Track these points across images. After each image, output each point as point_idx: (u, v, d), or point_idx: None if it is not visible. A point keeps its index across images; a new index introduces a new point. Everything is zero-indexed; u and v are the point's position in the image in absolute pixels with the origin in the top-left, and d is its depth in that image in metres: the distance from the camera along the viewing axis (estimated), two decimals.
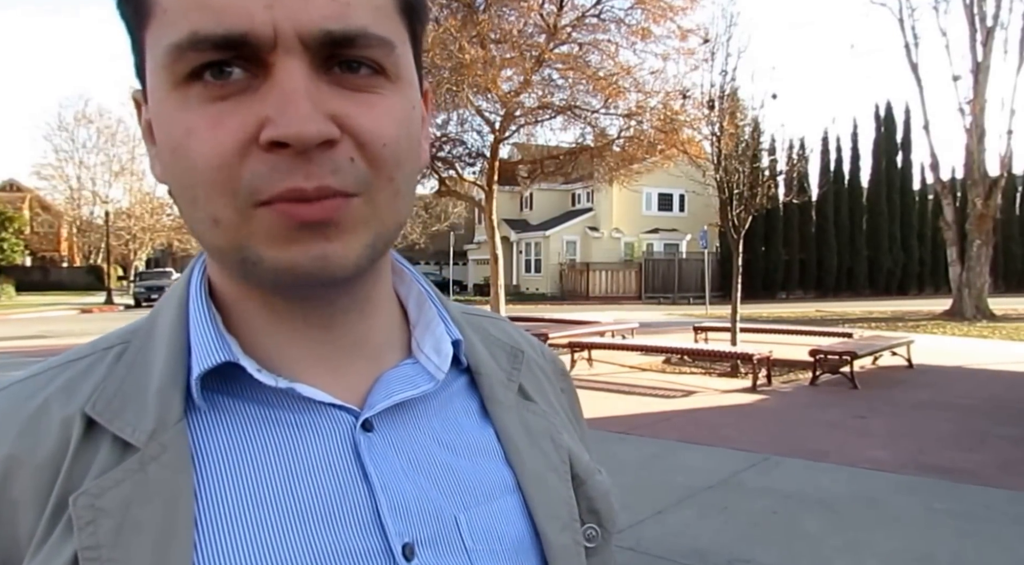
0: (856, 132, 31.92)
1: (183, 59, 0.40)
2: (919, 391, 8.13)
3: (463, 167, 13.20)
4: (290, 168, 0.40)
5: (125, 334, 0.50)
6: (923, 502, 4.26)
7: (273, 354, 0.48)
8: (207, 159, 0.41)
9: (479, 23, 9.85)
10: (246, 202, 0.41)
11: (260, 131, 0.40)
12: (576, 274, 30.60)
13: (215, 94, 0.41)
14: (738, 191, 9.88)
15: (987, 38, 19.12)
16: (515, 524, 0.51)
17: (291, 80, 0.40)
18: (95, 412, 0.44)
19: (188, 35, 0.39)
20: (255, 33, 0.39)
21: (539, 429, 0.56)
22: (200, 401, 0.45)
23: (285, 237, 0.42)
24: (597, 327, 12.50)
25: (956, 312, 19.02)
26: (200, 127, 0.40)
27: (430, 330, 0.54)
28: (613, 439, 5.91)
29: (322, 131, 0.40)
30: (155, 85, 0.42)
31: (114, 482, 0.42)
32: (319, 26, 0.40)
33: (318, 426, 0.47)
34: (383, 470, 0.47)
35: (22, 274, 36.80)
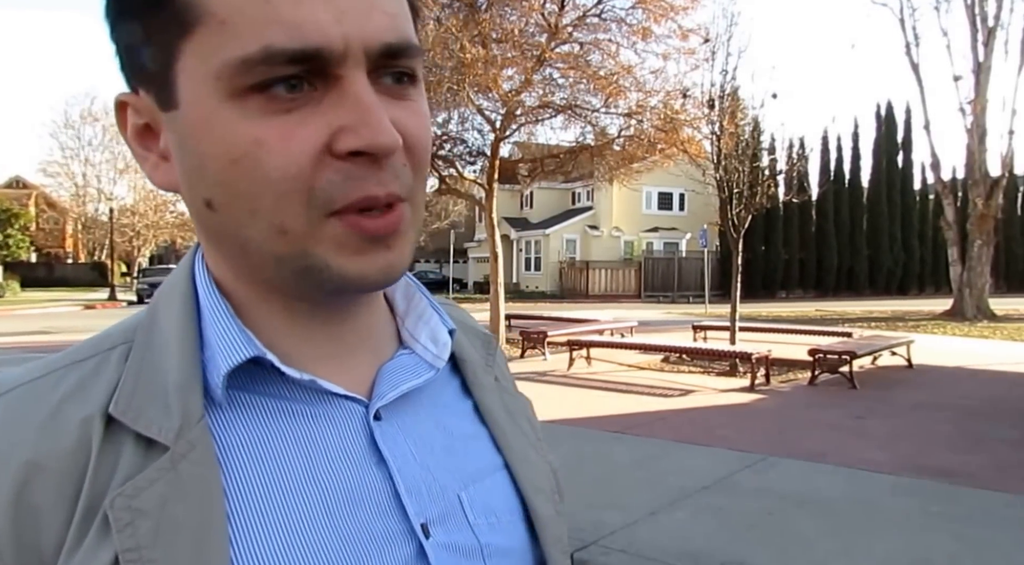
0: (857, 131, 31.90)
1: (251, 72, 0.41)
2: (918, 392, 8.12)
3: (463, 165, 13.17)
4: (364, 176, 0.43)
5: (125, 332, 0.50)
6: (920, 505, 4.25)
7: (288, 351, 0.49)
8: (282, 169, 0.42)
9: (480, 22, 9.82)
10: (320, 211, 0.43)
11: (331, 141, 0.42)
12: (576, 272, 30.60)
13: (282, 106, 0.42)
14: (738, 190, 9.88)
15: (988, 38, 19.09)
16: (507, 498, 0.55)
17: (366, 92, 0.43)
18: (118, 412, 0.44)
19: (261, 49, 0.40)
20: (328, 48, 0.41)
21: (516, 410, 0.61)
22: (222, 397, 0.46)
23: (354, 248, 0.44)
24: (596, 325, 12.50)
25: (957, 312, 19.00)
26: (272, 138, 0.42)
27: (424, 320, 0.56)
28: (609, 439, 5.90)
29: (397, 140, 0.43)
30: (201, 94, 0.42)
31: (148, 482, 0.42)
32: (380, 39, 0.43)
33: (333, 417, 0.49)
34: (396, 455, 0.50)
35: (27, 270, 37.01)
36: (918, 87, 20.51)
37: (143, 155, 0.48)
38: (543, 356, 10.76)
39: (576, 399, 7.72)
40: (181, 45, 0.42)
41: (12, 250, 31.77)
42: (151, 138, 0.47)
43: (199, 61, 0.42)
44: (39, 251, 43.27)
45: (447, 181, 13.15)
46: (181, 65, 0.43)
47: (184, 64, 0.43)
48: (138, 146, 0.48)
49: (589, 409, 7.14)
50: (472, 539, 0.51)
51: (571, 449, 5.57)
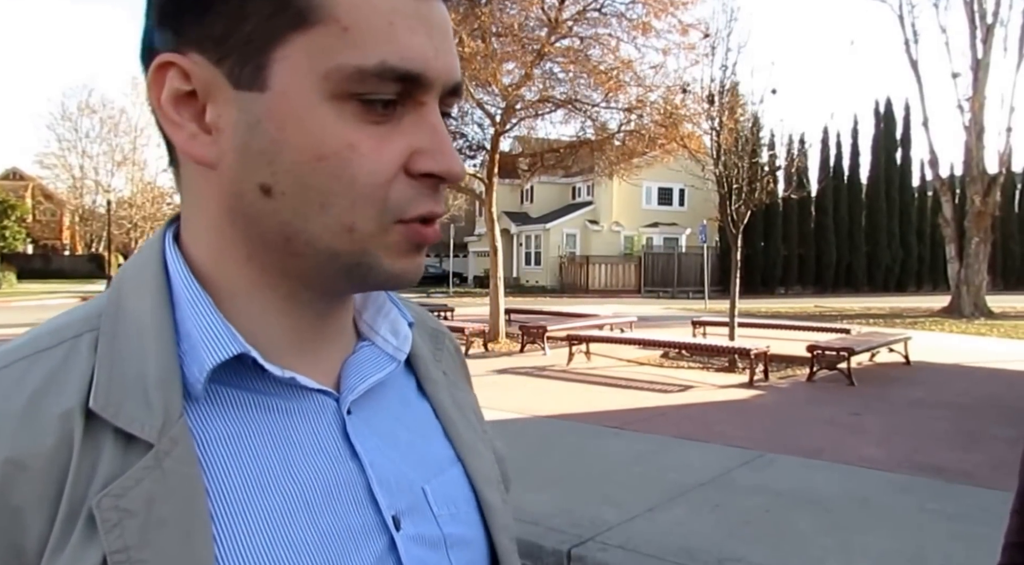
0: (856, 128, 31.88)
1: (362, 82, 0.44)
2: (915, 389, 8.14)
3: (464, 159, 13.18)
4: (430, 195, 0.48)
5: (88, 319, 0.48)
6: (916, 502, 4.27)
7: (267, 345, 0.49)
8: (370, 176, 0.45)
9: (480, 16, 9.79)
10: (389, 218, 0.47)
11: (409, 159, 0.46)
12: (576, 267, 30.60)
13: (373, 118, 0.45)
14: (737, 186, 9.89)
15: (987, 35, 19.05)
16: (463, 490, 0.57)
17: (441, 122, 0.48)
18: (98, 407, 0.43)
19: (378, 64, 0.44)
20: (426, 76, 0.46)
21: (465, 404, 0.63)
22: (201, 392, 0.46)
23: (405, 252, 0.48)
24: (596, 320, 12.52)
25: (954, 309, 19.03)
26: (365, 145, 0.45)
27: (383, 313, 0.58)
28: (608, 434, 5.92)
29: (464, 171, 0.51)
30: (301, 88, 0.44)
31: (135, 481, 0.41)
32: (454, 78, 0.48)
33: (307, 411, 0.50)
34: (367, 448, 0.51)
35: (23, 262, 36.85)
36: (917, 84, 20.49)
37: (178, 122, 0.46)
38: (542, 351, 10.78)
39: (575, 394, 7.74)
40: (291, 35, 0.44)
41: (8, 242, 31.67)
42: (190, 106, 0.46)
43: (308, 56, 0.44)
44: (36, 243, 43.17)
45: None
46: (283, 53, 0.44)
47: (287, 53, 0.44)
48: (174, 112, 0.46)
49: (588, 404, 7.16)
50: (436, 530, 0.53)
51: (570, 444, 5.59)
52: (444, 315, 15.11)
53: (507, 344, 11.77)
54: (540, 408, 6.83)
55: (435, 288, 32.26)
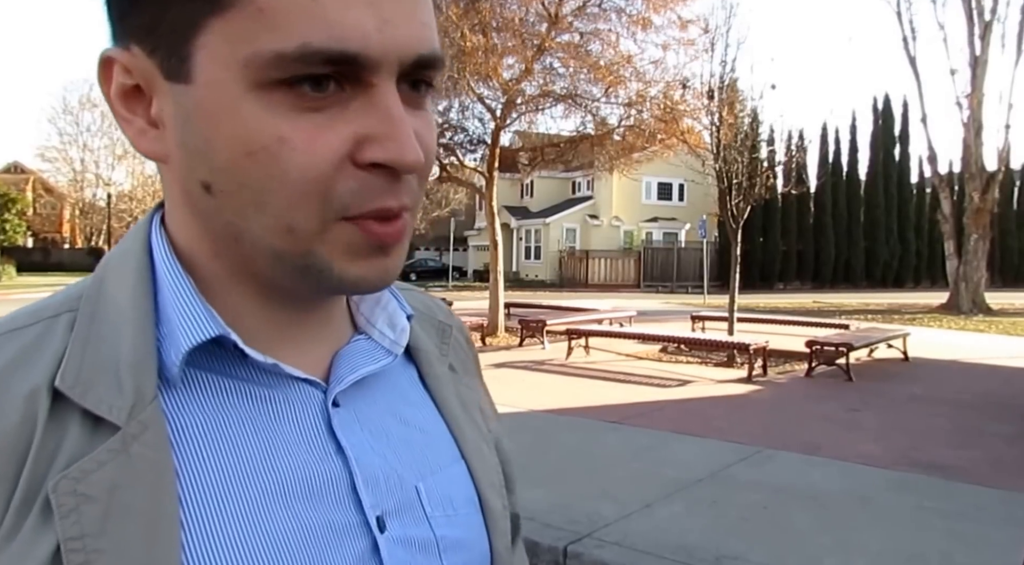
0: (855, 124, 31.85)
1: (283, 67, 0.39)
2: (914, 385, 8.16)
3: (464, 154, 13.15)
4: (382, 188, 0.42)
5: (68, 301, 0.46)
6: (914, 500, 4.28)
7: (250, 332, 0.47)
8: (303, 171, 0.41)
9: (481, 11, 9.76)
10: (332, 215, 0.42)
11: (355, 149, 0.41)
12: (575, 262, 30.61)
13: (309, 105, 0.40)
14: (737, 181, 9.88)
15: (985, 32, 19.02)
16: (463, 491, 0.54)
17: (396, 105, 0.42)
18: (65, 386, 0.41)
19: (298, 47, 0.39)
20: (366, 54, 0.40)
21: (470, 400, 0.60)
22: (178, 376, 0.44)
23: (361, 253, 0.44)
24: (595, 315, 12.52)
25: (953, 306, 19.06)
26: (297, 138, 0.40)
27: (381, 305, 0.55)
28: (606, 429, 5.93)
29: (420, 159, 0.42)
30: (223, 78, 0.40)
31: (97, 464, 0.39)
32: (416, 50, 0.42)
33: (291, 401, 0.48)
34: (354, 443, 0.49)
35: (23, 255, 36.97)
36: (915, 80, 20.47)
37: (128, 118, 0.45)
38: (542, 345, 10.78)
39: (574, 388, 7.75)
40: (208, 21, 0.40)
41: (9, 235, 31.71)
42: (139, 101, 0.44)
43: (226, 43, 0.40)
44: (36, 236, 43.33)
45: (448, 169, 13.12)
46: (203, 41, 0.40)
47: (207, 41, 0.40)
48: (122, 108, 0.45)
49: (587, 398, 7.17)
50: (428, 532, 0.50)
51: (567, 439, 5.60)
52: None
53: (506, 338, 11.78)
54: (538, 402, 6.84)
55: (434, 282, 32.26)
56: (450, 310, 0.68)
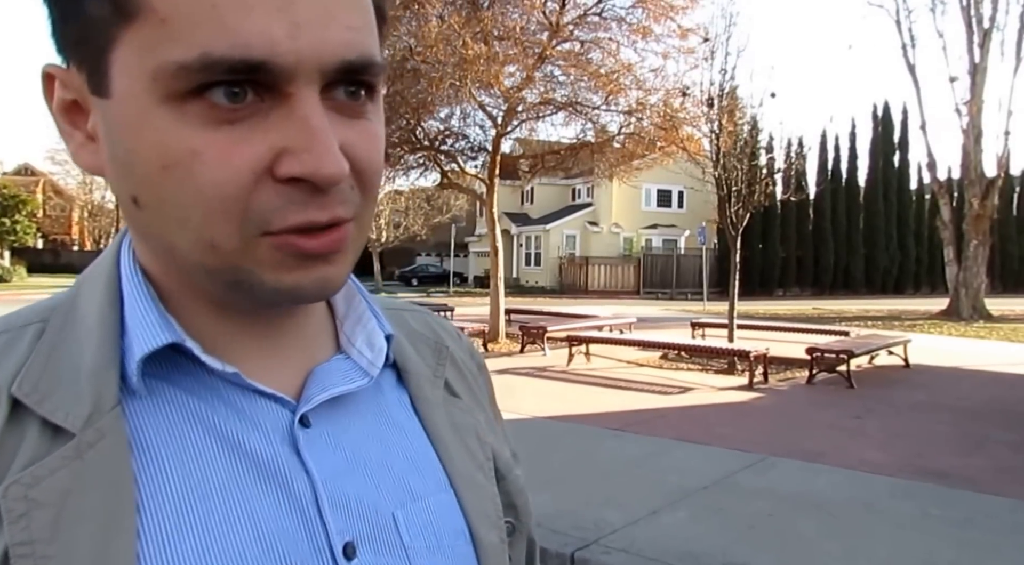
0: (854, 131, 31.97)
1: (187, 78, 0.38)
2: (916, 392, 8.16)
3: (465, 160, 13.20)
4: (304, 202, 0.40)
5: (42, 311, 0.47)
6: (920, 507, 4.28)
7: (214, 345, 0.46)
8: (218, 187, 0.39)
9: (482, 20, 9.81)
10: (253, 231, 0.40)
11: (274, 161, 0.39)
12: (575, 268, 30.63)
13: (223, 116, 0.39)
14: (736, 188, 9.91)
15: (984, 40, 19.12)
16: (450, 521, 0.51)
17: (315, 115, 0.40)
18: (21, 393, 0.41)
19: (198, 56, 0.37)
20: (275, 62, 0.38)
21: (465, 426, 0.57)
22: (138, 385, 0.43)
23: (290, 265, 0.42)
24: (595, 321, 12.53)
25: (953, 312, 19.07)
26: (210, 152, 0.39)
27: (361, 324, 0.53)
28: (608, 436, 5.93)
29: (344, 169, 0.40)
30: (136, 90, 0.39)
31: (49, 470, 0.39)
32: (338, 56, 0.40)
33: (257, 418, 0.46)
34: (323, 466, 0.47)
35: (33, 256, 37.42)
36: (914, 88, 20.57)
37: (69, 132, 0.45)
38: (542, 351, 10.78)
39: (575, 395, 7.74)
40: (118, 33, 0.39)
41: (19, 236, 31.95)
42: (79, 115, 0.44)
43: (136, 56, 0.39)
44: (46, 237, 43.83)
45: (449, 176, 13.16)
46: (116, 54, 0.39)
47: (119, 54, 0.39)
48: (64, 122, 0.45)
49: (588, 405, 7.17)
50: (404, 563, 0.48)
51: (571, 445, 5.59)
52: (444, 315, 15.05)
53: (507, 344, 11.78)
54: (540, 409, 6.83)
55: (435, 287, 32.26)
56: (461, 334, 0.66)
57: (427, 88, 10.21)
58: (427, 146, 12.29)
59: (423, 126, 11.95)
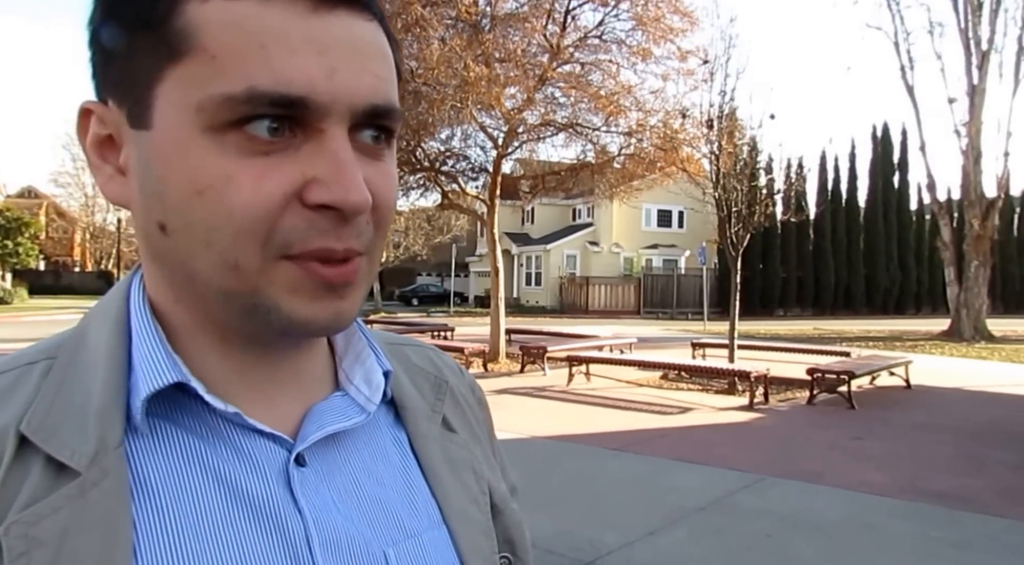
0: (854, 152, 32.11)
1: (231, 109, 0.41)
2: (917, 413, 8.13)
3: (466, 181, 13.28)
4: (327, 229, 0.43)
5: (49, 349, 0.48)
6: (920, 529, 4.25)
7: (217, 383, 0.47)
8: (248, 209, 0.42)
9: (484, 42, 9.94)
10: (274, 253, 0.43)
11: (302, 188, 0.42)
12: (576, 288, 30.63)
13: (260, 148, 0.42)
14: (736, 209, 9.95)
15: (983, 61, 19.27)
16: (443, 557, 0.52)
17: (344, 149, 0.43)
18: (30, 431, 0.42)
19: (245, 90, 0.41)
20: (313, 99, 0.42)
21: (461, 461, 0.57)
22: (142, 423, 0.44)
23: (307, 293, 0.44)
24: (595, 341, 12.52)
25: (954, 333, 19.02)
26: (244, 177, 0.42)
27: (360, 361, 0.54)
28: (607, 456, 5.91)
29: (367, 200, 0.43)
30: (178, 121, 0.42)
31: (51, 509, 0.40)
32: (367, 100, 0.44)
33: (253, 458, 0.47)
34: (316, 505, 0.47)
35: (35, 278, 37.58)
36: (913, 109, 20.70)
37: (99, 165, 0.47)
38: (542, 371, 10.76)
39: (575, 415, 7.72)
40: (166, 70, 0.42)
41: (21, 258, 32.06)
42: (111, 150, 0.47)
43: (182, 90, 0.42)
44: (47, 259, 44.05)
45: (449, 196, 13.23)
46: (162, 89, 0.43)
47: (165, 88, 0.42)
48: (96, 156, 0.47)
49: (588, 425, 7.14)
50: None
51: (570, 465, 5.57)
52: (444, 334, 15.12)
53: (507, 364, 11.76)
54: (540, 429, 6.81)
55: (436, 307, 32.25)
56: (463, 369, 0.67)
57: (428, 109, 10.32)
58: (428, 167, 12.38)
59: (423, 147, 12.04)
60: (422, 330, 15.89)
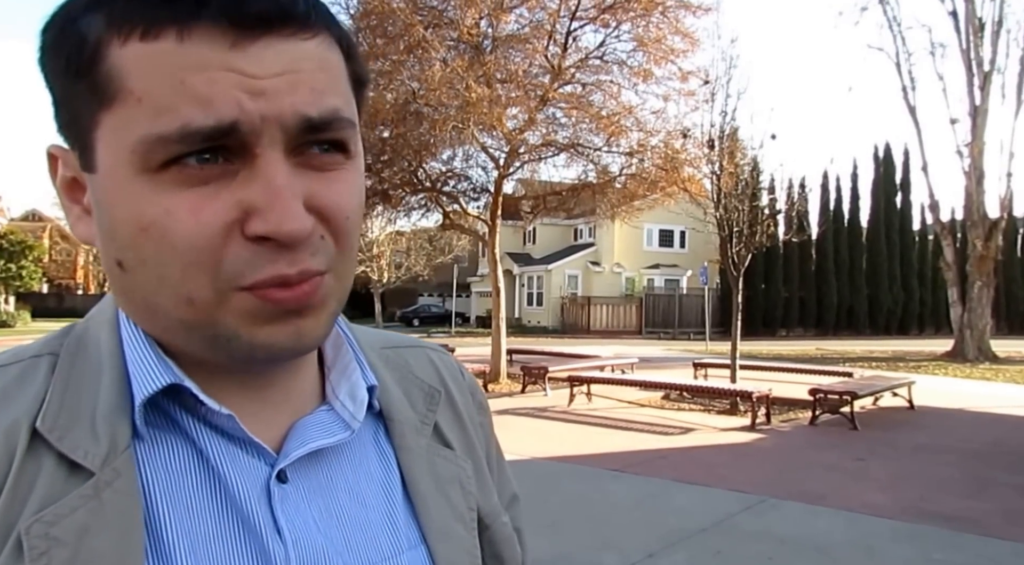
0: (856, 172, 32.21)
1: (166, 149, 0.41)
2: (920, 434, 8.06)
3: (467, 201, 13.34)
4: (273, 257, 0.42)
5: (51, 344, 0.49)
6: (923, 552, 4.20)
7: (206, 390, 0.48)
8: (189, 240, 0.41)
9: (485, 63, 10.04)
10: (226, 285, 0.42)
11: (243, 217, 0.42)
12: (577, 308, 30.60)
13: (195, 179, 0.41)
14: (738, 229, 9.95)
15: (984, 82, 19.36)
16: None
17: (278, 175, 0.42)
18: (44, 428, 0.43)
19: (179, 129, 0.40)
20: (243, 121, 0.41)
21: (448, 476, 0.56)
22: (142, 428, 0.45)
23: (264, 319, 0.44)
24: (597, 361, 12.47)
25: (958, 353, 18.91)
26: (181, 209, 0.41)
27: (346, 375, 0.54)
28: (608, 477, 5.86)
29: (306, 227, 0.42)
30: (116, 164, 0.42)
31: (70, 509, 0.41)
32: (299, 112, 0.42)
33: (240, 473, 0.47)
34: (295, 524, 0.47)
35: (38, 300, 37.78)
36: (916, 130, 20.77)
37: (69, 206, 0.48)
38: (544, 391, 10.71)
39: (576, 435, 7.67)
40: (100, 115, 0.42)
41: (25, 281, 32.24)
42: (78, 191, 0.47)
43: (115, 134, 0.42)
44: (51, 282, 44.18)
45: (451, 216, 13.28)
46: (99, 133, 0.43)
47: (102, 133, 0.43)
48: (66, 197, 0.48)
49: (589, 446, 7.09)
50: None
51: (570, 487, 5.52)
52: None
53: (508, 384, 11.71)
54: (540, 450, 6.76)
55: (437, 328, 32.20)
56: (464, 371, 0.65)
57: (430, 130, 10.39)
58: (429, 187, 12.43)
59: (425, 168, 12.11)
60: None
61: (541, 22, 10.75)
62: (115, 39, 0.41)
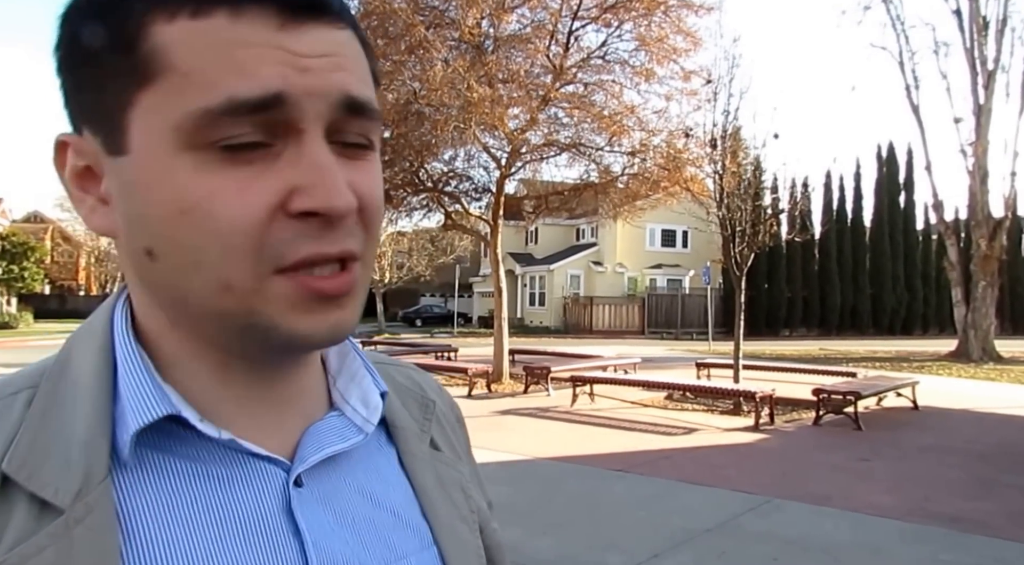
0: (859, 171, 32.16)
1: (212, 125, 0.40)
2: (925, 434, 8.03)
3: (469, 201, 13.32)
4: (316, 235, 0.43)
5: (31, 377, 0.47)
6: (929, 552, 4.17)
7: (211, 409, 0.46)
8: (235, 222, 0.41)
9: (487, 64, 10.02)
10: (267, 267, 0.42)
11: (287, 198, 0.42)
12: (580, 308, 30.59)
13: (239, 159, 0.41)
14: (740, 228, 9.93)
15: (988, 81, 19.30)
16: None
17: (323, 152, 0.43)
18: (11, 469, 0.41)
19: (225, 100, 0.40)
20: (289, 93, 0.41)
21: (450, 480, 0.58)
22: (129, 456, 0.43)
23: (304, 307, 0.43)
24: (599, 361, 12.45)
25: (962, 353, 18.86)
26: (227, 191, 0.41)
27: (356, 381, 0.54)
28: (611, 477, 5.83)
29: (352, 203, 0.43)
30: (155, 144, 0.42)
31: (37, 549, 0.39)
32: (344, 91, 0.43)
33: (250, 481, 0.46)
34: (313, 526, 0.47)
35: (40, 302, 37.83)
36: (919, 129, 20.77)
37: (80, 197, 0.46)
38: (546, 392, 10.69)
39: (579, 436, 7.65)
40: (138, 95, 0.42)
41: (27, 282, 32.34)
42: (91, 181, 0.46)
43: (157, 112, 0.41)
44: (53, 283, 44.38)
45: (453, 217, 13.26)
46: (135, 113, 0.42)
47: (139, 113, 0.42)
48: (76, 188, 0.46)
49: (592, 446, 7.07)
50: None
51: (574, 487, 5.50)
52: (448, 355, 15.06)
53: (511, 385, 11.69)
54: (543, 450, 6.74)
55: (439, 328, 32.20)
56: (441, 388, 0.66)
57: (431, 130, 10.37)
58: (431, 188, 12.43)
59: (427, 168, 12.10)
60: (426, 351, 15.85)
61: (543, 22, 10.73)
62: (161, 16, 0.41)
